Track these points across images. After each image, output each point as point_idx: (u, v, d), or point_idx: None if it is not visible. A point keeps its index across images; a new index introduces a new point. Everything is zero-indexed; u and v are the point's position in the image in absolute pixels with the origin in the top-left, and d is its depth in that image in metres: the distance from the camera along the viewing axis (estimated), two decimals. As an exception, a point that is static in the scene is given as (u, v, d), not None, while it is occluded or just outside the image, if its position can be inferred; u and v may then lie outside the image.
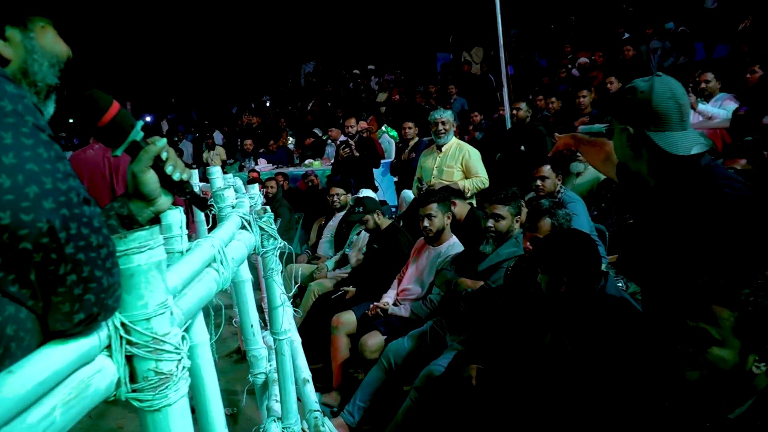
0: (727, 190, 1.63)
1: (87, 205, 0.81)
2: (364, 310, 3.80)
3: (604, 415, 1.88)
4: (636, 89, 1.76)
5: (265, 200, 6.93)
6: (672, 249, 1.74)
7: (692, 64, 7.70)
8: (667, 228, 1.77)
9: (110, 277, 0.84)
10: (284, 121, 11.92)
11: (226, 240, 1.65)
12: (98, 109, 1.08)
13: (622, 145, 1.81)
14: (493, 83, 10.01)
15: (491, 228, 3.26)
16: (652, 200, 1.84)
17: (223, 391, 4.21)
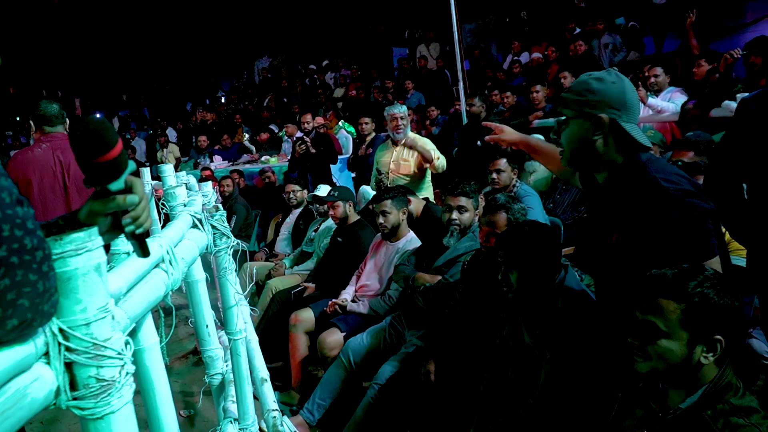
0: (664, 183, 1.65)
1: (20, 206, 0.77)
2: (322, 308, 3.77)
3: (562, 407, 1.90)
4: (605, 79, 1.75)
5: (221, 198, 6.83)
6: (618, 242, 1.76)
7: (642, 59, 7.88)
8: (613, 222, 1.79)
9: (46, 281, 0.79)
10: (239, 117, 11.75)
11: (175, 239, 1.61)
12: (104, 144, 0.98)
13: (582, 137, 1.76)
14: (449, 78, 10.07)
15: (455, 220, 3.27)
16: (601, 194, 1.86)
17: (179, 392, 4.15)
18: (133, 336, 1.40)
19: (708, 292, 1.39)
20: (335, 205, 4.39)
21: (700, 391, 1.41)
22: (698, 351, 1.40)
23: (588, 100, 1.74)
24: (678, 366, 1.42)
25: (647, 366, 1.45)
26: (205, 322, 2.40)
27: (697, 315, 1.39)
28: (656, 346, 1.42)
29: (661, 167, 1.72)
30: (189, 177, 3.82)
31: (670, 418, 1.44)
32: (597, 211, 1.91)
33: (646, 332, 1.44)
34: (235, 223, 6.37)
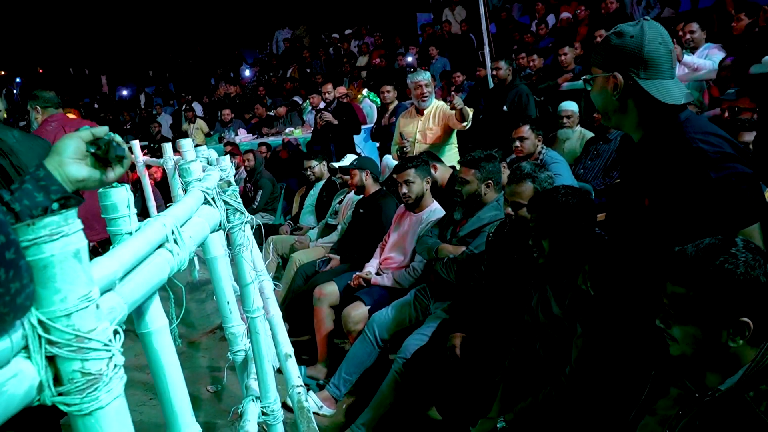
0: (702, 145, 1.54)
1: None
2: (347, 281, 3.72)
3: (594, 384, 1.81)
4: (624, 33, 1.64)
5: (246, 173, 6.80)
6: (650, 207, 1.66)
7: (677, 16, 7.55)
8: (646, 185, 1.69)
9: (16, 270, 0.73)
10: (263, 89, 11.66)
11: (182, 218, 1.54)
12: None
13: (606, 97, 1.69)
14: (475, 43, 9.81)
15: (457, 192, 3.18)
16: (636, 157, 1.75)
17: (207, 368, 4.15)
18: (140, 319, 1.35)
19: (730, 269, 1.26)
20: (352, 173, 4.34)
21: (741, 371, 1.31)
22: (724, 335, 1.29)
23: (608, 58, 1.68)
24: (705, 351, 1.33)
25: (677, 350, 1.37)
26: (226, 298, 2.35)
27: (710, 299, 1.28)
28: (680, 331, 1.34)
29: (701, 127, 1.61)
30: (210, 151, 3.77)
31: (708, 399, 1.34)
32: (630, 173, 1.81)
33: (666, 315, 1.36)
34: (261, 197, 6.34)
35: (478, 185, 3.13)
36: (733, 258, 1.26)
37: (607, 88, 1.68)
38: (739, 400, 1.29)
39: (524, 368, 2.18)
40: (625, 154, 1.87)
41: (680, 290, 1.31)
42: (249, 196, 6.41)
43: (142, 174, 6.07)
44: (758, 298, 1.26)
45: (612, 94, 1.67)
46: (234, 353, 2.47)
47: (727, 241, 1.30)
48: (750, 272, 1.25)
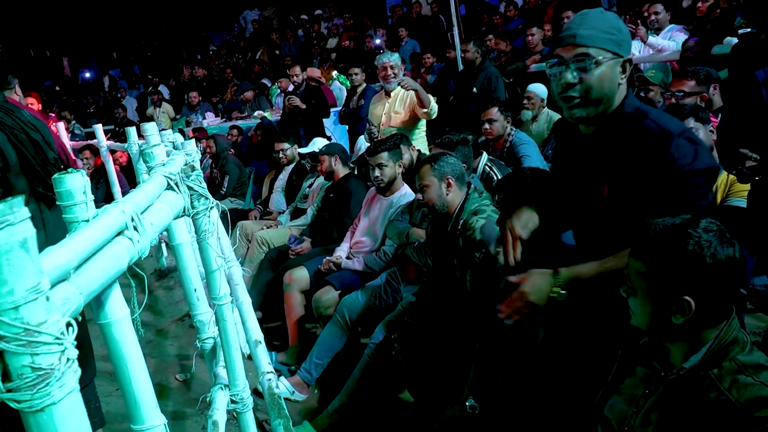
0: (661, 123, 1.58)
1: None
2: (317, 265, 3.69)
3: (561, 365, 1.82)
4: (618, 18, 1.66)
5: (210, 158, 6.70)
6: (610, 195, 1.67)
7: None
8: (604, 173, 1.68)
9: None
10: (231, 72, 11.46)
11: (142, 203, 1.50)
12: None
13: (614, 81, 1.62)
14: (444, 24, 9.77)
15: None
16: (588, 145, 1.74)
17: (176, 356, 4.09)
18: (99, 310, 1.31)
19: (670, 248, 1.28)
20: (321, 159, 4.32)
21: (704, 349, 1.33)
22: (669, 312, 1.32)
23: (618, 39, 1.61)
24: (655, 324, 1.36)
25: (633, 319, 1.42)
26: (192, 286, 2.30)
27: (657, 274, 1.30)
28: (632, 302, 1.39)
29: (657, 110, 1.67)
30: (176, 135, 3.69)
31: (673, 378, 1.36)
32: (581, 163, 1.78)
33: (626, 287, 1.39)
34: (229, 182, 6.25)
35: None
36: (685, 237, 1.27)
37: (614, 72, 1.61)
38: (703, 377, 1.30)
39: (494, 350, 2.19)
40: (570, 144, 1.83)
41: (638, 264, 1.34)
42: (216, 182, 6.32)
43: (106, 159, 5.93)
44: (701, 278, 1.27)
45: (618, 78, 1.63)
46: (202, 341, 2.43)
47: (690, 221, 1.30)
48: (697, 251, 1.26)
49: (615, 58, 1.61)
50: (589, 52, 1.59)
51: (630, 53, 1.66)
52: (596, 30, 1.60)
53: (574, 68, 1.60)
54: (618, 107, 1.66)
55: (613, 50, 1.60)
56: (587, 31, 1.60)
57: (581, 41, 1.59)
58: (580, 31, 1.60)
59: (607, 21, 1.62)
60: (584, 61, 1.59)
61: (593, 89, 1.61)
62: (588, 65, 1.59)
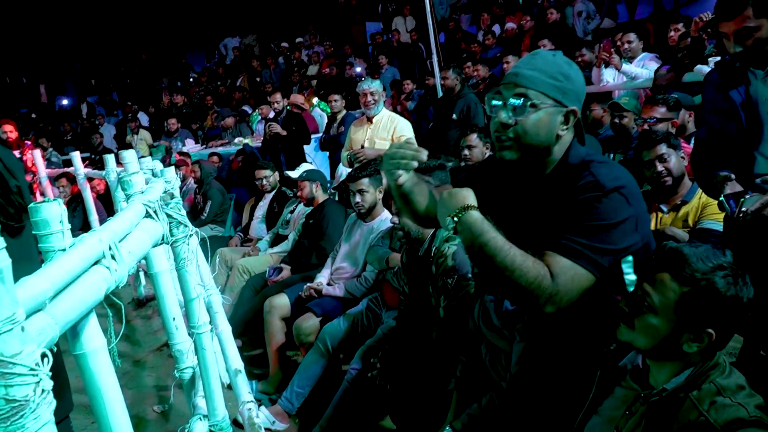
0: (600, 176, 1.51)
1: None
2: (298, 292, 3.67)
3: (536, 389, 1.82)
4: (573, 65, 1.57)
5: (195, 183, 6.67)
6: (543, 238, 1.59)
7: (617, 26, 7.81)
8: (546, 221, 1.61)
9: None
10: (211, 99, 11.47)
11: (120, 232, 1.48)
12: None
13: (551, 130, 1.55)
14: (424, 52, 9.92)
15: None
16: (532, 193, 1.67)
17: (153, 387, 4.03)
18: (75, 340, 1.29)
19: (718, 281, 1.27)
20: (302, 185, 4.32)
21: (687, 372, 1.35)
22: (684, 338, 1.32)
23: (564, 87, 1.54)
24: (659, 345, 1.36)
25: (629, 336, 1.39)
26: (171, 314, 2.27)
27: (696, 303, 1.29)
28: (643, 320, 1.36)
29: (603, 160, 1.59)
30: (155, 163, 3.68)
31: (655, 399, 1.37)
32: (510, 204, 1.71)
33: (638, 302, 1.37)
34: (211, 208, 6.21)
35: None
36: (731, 273, 1.28)
37: (554, 121, 1.55)
38: (684, 398, 1.32)
39: (475, 376, 2.18)
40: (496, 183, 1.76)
41: (676, 287, 1.30)
42: (198, 208, 6.29)
43: (83, 187, 5.87)
44: (731, 315, 1.30)
45: (559, 128, 1.56)
46: (181, 371, 2.39)
47: (731, 257, 1.31)
48: (736, 291, 1.28)
49: (556, 106, 1.54)
50: (528, 93, 1.52)
51: (577, 104, 1.57)
52: (540, 73, 1.53)
53: (510, 108, 1.53)
54: (563, 158, 1.60)
55: (555, 97, 1.53)
56: (530, 72, 1.53)
57: (522, 82, 1.53)
58: (524, 71, 1.54)
59: (556, 66, 1.55)
60: (521, 102, 1.52)
61: (527, 134, 1.54)
62: (524, 108, 1.52)
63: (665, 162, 2.79)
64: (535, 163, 1.62)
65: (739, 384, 1.32)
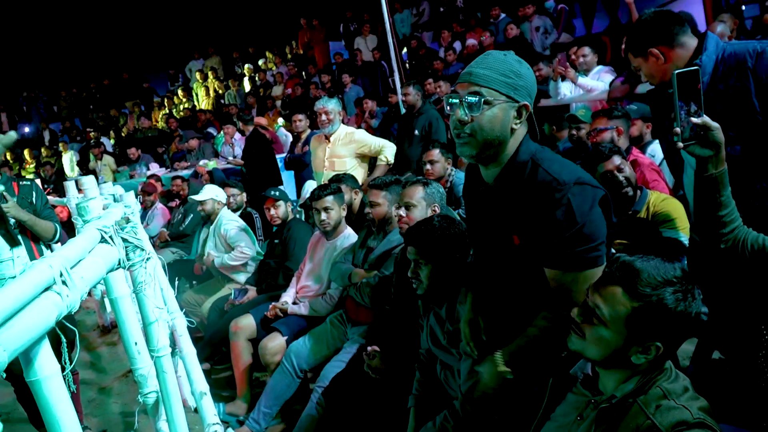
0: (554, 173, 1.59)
1: None
2: (263, 312, 3.66)
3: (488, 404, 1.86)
4: (523, 63, 1.65)
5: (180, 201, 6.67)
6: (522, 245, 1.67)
7: (574, 40, 8.01)
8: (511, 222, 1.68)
9: None
10: (174, 122, 11.41)
11: (72, 258, 1.49)
12: None
13: (504, 125, 1.62)
14: (387, 70, 10.03)
15: (367, 214, 3.25)
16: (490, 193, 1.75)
17: (119, 413, 3.97)
18: (28, 366, 1.29)
19: (668, 297, 1.30)
20: (277, 204, 4.32)
21: (635, 379, 1.39)
22: (633, 350, 1.35)
23: (515, 84, 1.62)
24: (608, 356, 1.39)
25: (579, 344, 1.43)
26: (132, 339, 2.27)
27: (646, 318, 1.32)
28: (593, 330, 1.38)
29: (551, 156, 1.67)
30: (116, 188, 3.66)
31: (606, 406, 1.41)
32: (487, 212, 1.78)
33: (590, 312, 1.39)
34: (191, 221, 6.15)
35: (388, 207, 3.19)
36: (681, 288, 1.31)
37: (509, 115, 1.63)
38: (632, 403, 1.36)
39: (431, 393, 2.22)
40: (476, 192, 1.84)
41: (626, 301, 1.33)
42: (176, 221, 6.25)
43: (45, 214, 5.77)
44: (679, 330, 1.33)
45: (512, 122, 1.64)
46: (144, 396, 2.38)
47: (680, 272, 1.33)
48: (685, 307, 1.31)
49: (509, 102, 1.62)
50: (481, 91, 1.60)
51: (528, 100, 1.65)
52: (492, 71, 1.61)
53: (466, 106, 1.61)
54: (513, 155, 1.67)
55: (507, 93, 1.61)
56: (483, 71, 1.62)
57: (475, 80, 1.62)
58: (476, 70, 1.63)
59: (507, 64, 1.63)
60: (476, 100, 1.60)
61: (483, 130, 1.62)
62: (479, 104, 1.60)
63: (622, 172, 2.85)
64: (489, 159, 1.69)
65: (684, 386, 1.36)
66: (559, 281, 1.61)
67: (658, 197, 2.87)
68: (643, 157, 3.51)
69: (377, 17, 9.37)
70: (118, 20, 15.85)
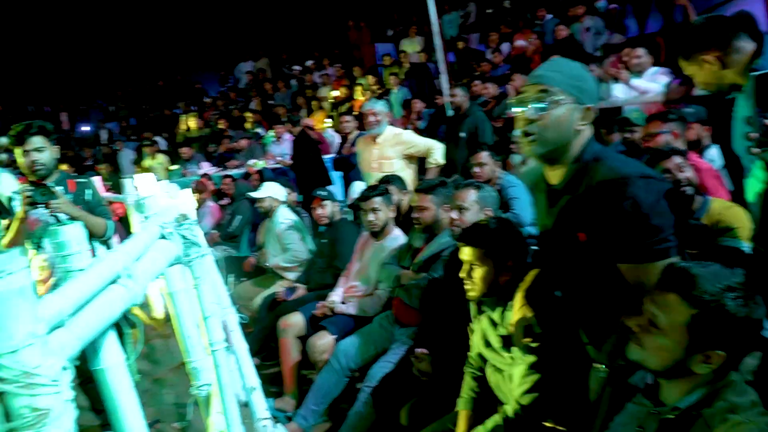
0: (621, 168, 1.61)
1: None
2: (311, 310, 3.72)
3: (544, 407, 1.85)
4: (587, 70, 1.72)
5: (229, 200, 6.82)
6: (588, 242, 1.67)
7: (626, 41, 7.83)
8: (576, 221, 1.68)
9: None
10: (226, 122, 11.65)
11: (135, 253, 1.55)
12: None
13: (567, 127, 1.67)
14: (433, 71, 10.01)
15: (414, 219, 3.24)
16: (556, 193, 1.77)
17: (173, 404, 4.07)
18: (94, 356, 1.35)
19: (728, 303, 1.27)
20: (323, 204, 4.37)
21: (699, 391, 1.34)
22: (695, 359, 1.32)
23: (581, 87, 1.68)
24: (670, 365, 1.35)
25: (639, 354, 1.39)
26: (187, 332, 2.33)
27: (706, 325, 1.28)
28: (652, 339, 1.35)
29: (615, 155, 1.70)
30: (171, 186, 3.77)
31: (669, 417, 1.37)
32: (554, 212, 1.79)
33: (648, 322, 1.36)
34: (240, 222, 6.29)
35: (435, 210, 3.18)
36: (742, 294, 1.28)
37: (575, 116, 1.67)
38: (696, 416, 1.32)
39: (480, 397, 2.21)
40: (540, 193, 1.86)
41: (685, 309, 1.30)
42: (225, 222, 6.40)
43: (103, 210, 5.99)
44: (742, 337, 1.29)
45: (578, 123, 1.67)
46: (198, 388, 2.45)
47: (738, 276, 1.30)
48: (749, 312, 1.27)
49: (575, 104, 1.67)
50: (550, 91, 1.65)
51: (592, 102, 1.70)
52: (560, 74, 1.68)
53: (535, 105, 1.66)
54: (578, 155, 1.70)
55: (574, 95, 1.66)
56: (552, 73, 1.69)
57: (544, 81, 1.67)
58: (546, 73, 1.70)
59: (573, 69, 1.71)
60: (545, 99, 1.65)
61: (550, 128, 1.66)
62: (548, 104, 1.65)
63: (683, 172, 2.77)
64: (554, 160, 1.73)
65: (752, 401, 1.31)
66: (633, 276, 1.58)
67: (721, 204, 2.78)
68: (701, 162, 3.41)
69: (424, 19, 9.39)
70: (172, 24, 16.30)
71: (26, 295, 0.83)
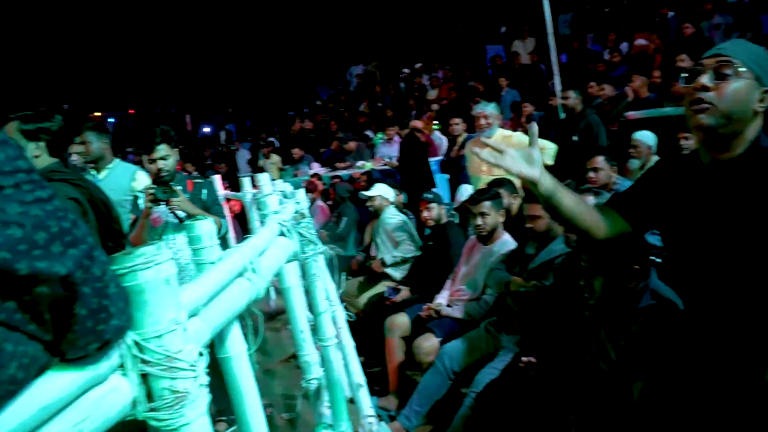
0: None
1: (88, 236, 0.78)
2: (417, 312, 3.73)
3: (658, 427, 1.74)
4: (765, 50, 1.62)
5: (332, 203, 7.02)
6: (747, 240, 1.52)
7: (759, 38, 7.26)
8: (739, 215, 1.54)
9: (119, 301, 0.81)
10: (335, 124, 11.97)
11: (259, 248, 1.63)
12: None
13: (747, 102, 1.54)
14: (545, 73, 9.75)
15: (528, 228, 3.15)
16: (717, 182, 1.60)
17: (281, 395, 4.24)
18: (221, 344, 1.43)
19: None
20: (430, 207, 4.38)
21: None
22: None
23: (764, 67, 1.56)
24: None
25: None
26: (300, 327, 2.42)
27: None
28: None
29: None
30: (285, 185, 3.92)
31: None
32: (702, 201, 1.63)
33: None
34: (346, 224, 6.46)
35: (548, 218, 3.09)
36: None
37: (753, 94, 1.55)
38: None
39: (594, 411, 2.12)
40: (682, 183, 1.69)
41: None
42: (332, 224, 6.59)
43: (222, 206, 6.35)
44: None
45: (756, 104, 1.56)
46: (308, 381, 2.53)
47: None
48: None
49: (756, 81, 1.55)
50: (732, 62, 1.54)
51: None
52: (743, 50, 1.58)
53: (714, 72, 1.55)
54: (755, 140, 1.57)
55: (756, 71, 1.55)
56: (734, 47, 1.59)
57: (726, 52, 1.56)
58: (727, 46, 1.60)
59: (756, 48, 1.61)
60: (726, 67, 1.54)
61: (726, 99, 1.53)
62: (729, 73, 1.53)
63: None
64: (725, 140, 1.59)
65: None
66: None
67: None
68: None
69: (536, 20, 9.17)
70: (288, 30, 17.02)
71: (171, 284, 0.90)
